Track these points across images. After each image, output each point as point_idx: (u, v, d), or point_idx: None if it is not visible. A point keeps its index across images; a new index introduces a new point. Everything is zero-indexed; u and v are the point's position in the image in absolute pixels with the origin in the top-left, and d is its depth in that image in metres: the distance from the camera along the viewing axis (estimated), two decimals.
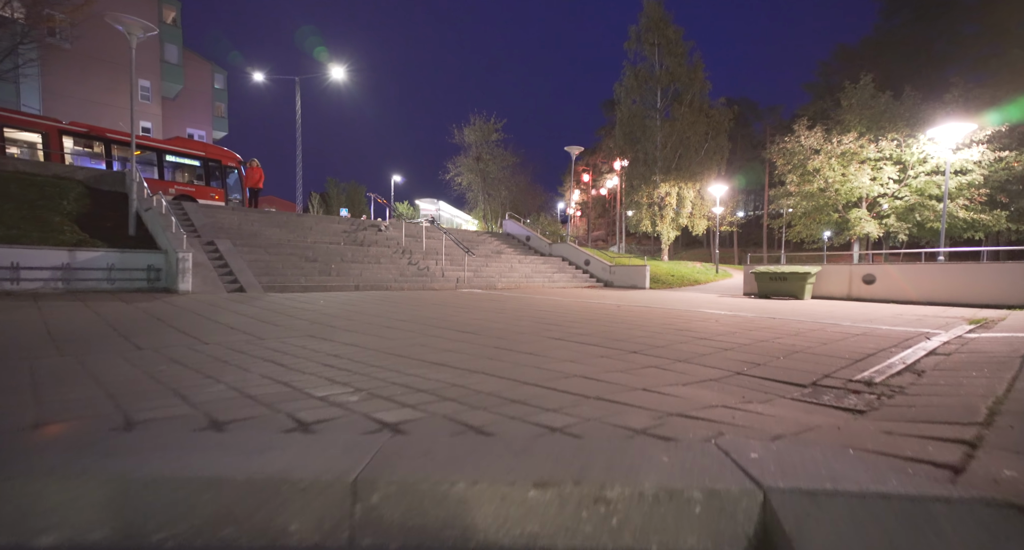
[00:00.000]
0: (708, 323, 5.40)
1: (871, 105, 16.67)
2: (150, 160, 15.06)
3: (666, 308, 7.48)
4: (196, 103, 39.98)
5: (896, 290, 10.23)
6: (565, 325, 4.96)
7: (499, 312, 6.22)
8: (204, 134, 40.76)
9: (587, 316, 5.97)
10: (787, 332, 4.67)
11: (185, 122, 39.08)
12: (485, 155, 31.32)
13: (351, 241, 13.07)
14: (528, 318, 5.58)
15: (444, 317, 5.48)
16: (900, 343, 4.12)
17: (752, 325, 5.23)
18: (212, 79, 42.03)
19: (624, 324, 5.17)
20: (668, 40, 23.94)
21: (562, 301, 8.67)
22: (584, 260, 16.69)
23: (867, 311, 7.99)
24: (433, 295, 9.47)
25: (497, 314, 5.95)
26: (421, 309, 6.46)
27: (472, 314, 5.92)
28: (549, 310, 6.70)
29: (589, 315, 6.10)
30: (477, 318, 5.44)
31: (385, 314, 5.68)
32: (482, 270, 13.55)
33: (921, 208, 15.54)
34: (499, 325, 4.84)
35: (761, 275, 11.36)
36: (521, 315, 5.91)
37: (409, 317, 5.44)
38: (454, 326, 4.68)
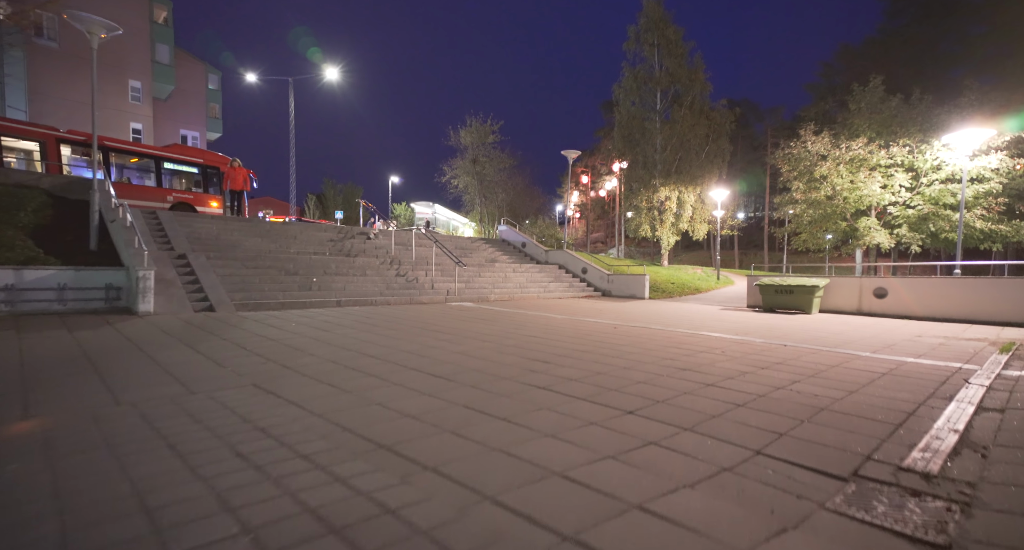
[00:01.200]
0: (714, 356, 4.85)
1: (880, 109, 16.12)
2: (147, 167, 14.78)
3: (666, 331, 6.93)
4: (189, 104, 39.50)
5: (909, 305, 9.69)
6: (554, 361, 4.41)
7: (483, 339, 5.66)
8: (198, 135, 40.30)
9: (579, 345, 5.41)
10: (804, 371, 4.11)
11: (178, 124, 38.60)
12: (482, 157, 30.75)
13: (337, 251, 12.52)
14: (513, 349, 5.02)
15: (421, 349, 4.93)
16: (936, 389, 3.57)
17: (763, 358, 4.68)
18: (206, 80, 41.56)
19: (620, 358, 4.62)
20: (668, 40, 23.39)
21: (554, 320, 8.12)
22: (581, 268, 16.14)
23: (882, 331, 7.45)
24: (419, 311, 8.92)
25: (480, 344, 5.40)
26: (398, 335, 5.91)
27: (452, 344, 5.37)
28: (539, 336, 6.15)
29: (581, 344, 5.55)
30: (456, 352, 4.88)
31: (355, 346, 5.13)
32: (474, 281, 13.00)
33: (935, 218, 14.88)
34: (479, 363, 4.29)
35: (766, 288, 10.82)
36: (506, 344, 5.35)
37: (381, 349, 4.88)
38: (427, 366, 4.12)
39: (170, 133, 37.70)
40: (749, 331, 7.07)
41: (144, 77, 30.15)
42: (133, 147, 15.55)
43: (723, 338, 6.22)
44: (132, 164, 15.00)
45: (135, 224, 8.22)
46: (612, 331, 6.78)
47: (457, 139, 30.87)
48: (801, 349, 5.42)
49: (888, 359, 4.91)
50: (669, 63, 23.60)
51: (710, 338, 6.20)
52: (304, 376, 3.65)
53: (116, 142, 14.53)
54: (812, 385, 3.67)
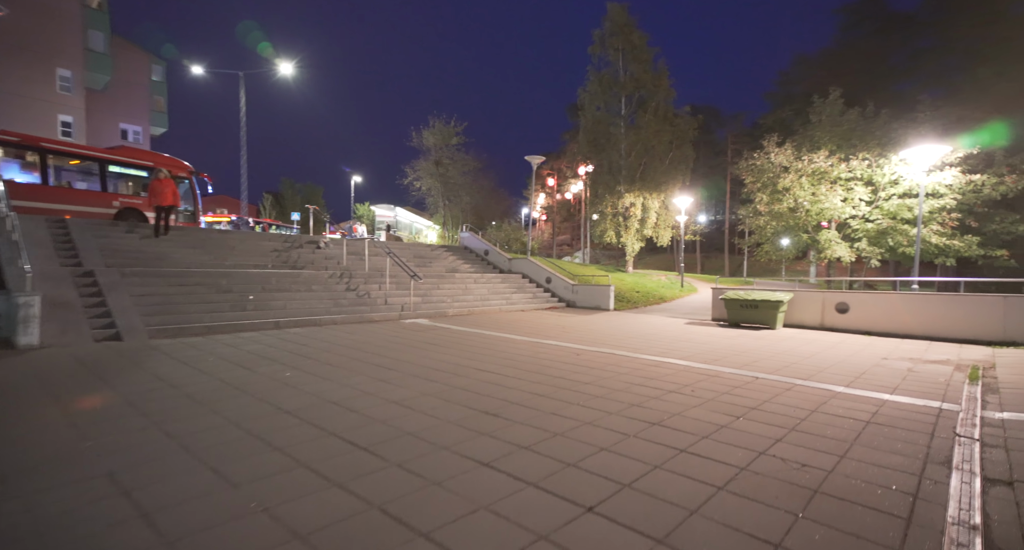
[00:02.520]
0: (684, 398, 4.37)
1: (840, 122, 16.40)
2: (90, 171, 13.47)
3: (632, 359, 6.46)
4: (130, 96, 36.90)
5: (870, 320, 9.66)
6: (507, 413, 3.80)
7: (430, 378, 5.00)
8: (140, 130, 37.77)
9: (537, 386, 4.83)
10: (784, 421, 3.62)
11: (117, 116, 35.98)
12: (445, 159, 29.88)
13: (282, 263, 11.51)
14: (462, 395, 4.39)
15: (352, 398, 4.23)
16: (929, 450, 3.17)
17: (736, 400, 4.22)
18: (149, 71, 38.95)
19: (581, 406, 4.06)
20: (633, 45, 23.28)
21: (514, 344, 7.53)
22: (546, 278, 15.66)
23: (848, 353, 7.23)
24: (367, 334, 8.15)
25: (425, 386, 4.74)
26: (332, 374, 5.18)
27: (392, 387, 4.69)
28: (494, 371, 5.54)
29: (540, 384, 4.97)
30: (394, 401, 4.21)
31: (274, 395, 4.38)
32: (432, 293, 12.26)
33: (894, 232, 15.20)
34: (417, 421, 3.64)
35: (731, 302, 10.61)
36: (455, 386, 4.71)
37: (304, 400, 4.15)
38: (353, 429, 3.44)
39: (108, 127, 35.04)
40: (717, 356, 6.70)
41: (75, 65, 27.70)
42: (74, 148, 14.00)
43: (691, 369, 5.79)
44: (72, 167, 13.55)
45: (35, 235, 7.09)
46: (575, 360, 6.24)
47: (420, 140, 29.91)
48: (774, 384, 5.04)
49: (865, 397, 4.57)
50: (634, 68, 23.51)
51: (678, 369, 5.76)
52: (188, 453, 2.90)
53: (54, 143, 13.11)
54: (796, 446, 3.21)
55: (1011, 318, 8.21)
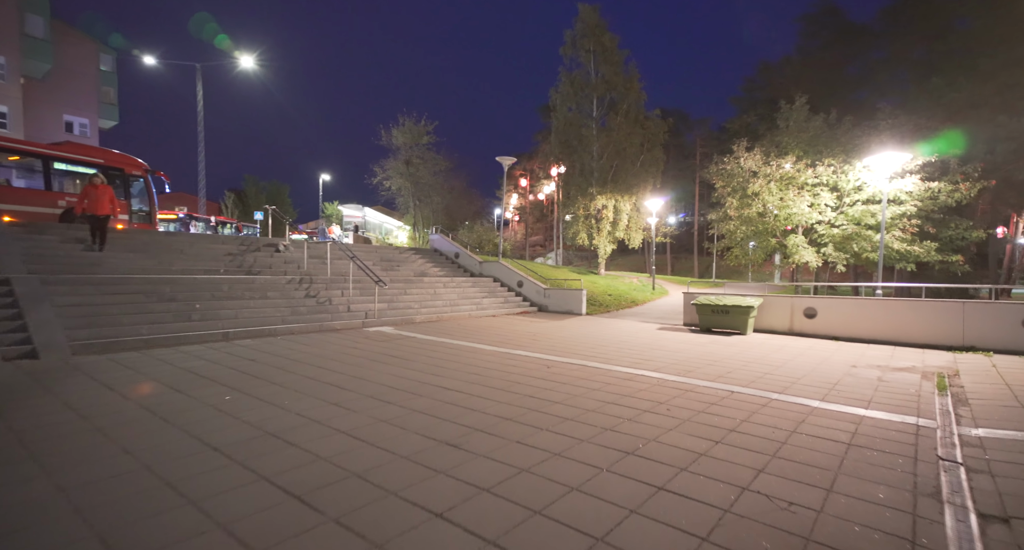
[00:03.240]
0: (659, 419, 4.11)
1: (806, 128, 16.72)
2: (32, 168, 12.46)
3: (605, 371, 6.19)
4: (76, 86, 34.72)
5: (836, 326, 9.74)
6: (467, 443, 3.44)
7: (387, 400, 4.59)
8: (87, 122, 35.61)
9: (503, 407, 4.49)
10: (764, 446, 3.37)
11: (61, 107, 33.81)
12: (415, 159, 29.21)
13: (236, 267, 10.78)
14: (420, 420, 4.00)
15: (294, 429, 3.78)
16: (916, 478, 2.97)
17: (713, 420, 3.96)
18: (97, 60, 36.76)
19: (550, 432, 3.73)
20: (604, 47, 23.26)
21: (481, 355, 7.17)
22: (517, 282, 15.35)
23: (819, 360, 7.18)
24: (324, 346, 7.63)
25: (380, 411, 4.33)
26: (277, 396, 4.70)
27: (343, 413, 4.26)
28: (457, 390, 5.17)
29: (506, 404, 4.63)
30: (344, 432, 3.79)
31: (202, 427, 3.89)
32: (399, 299, 11.76)
33: (858, 237, 15.40)
34: (366, 457, 3.23)
35: (703, 307, 10.55)
36: (414, 410, 4.32)
37: (237, 433, 3.68)
38: (292, 471, 3.01)
39: (50, 118, 32.85)
40: (691, 367, 6.51)
41: (10, 51, 25.74)
42: (12, 143, 12.83)
43: (665, 383, 5.56)
44: (12, 163, 12.42)
45: None
46: (545, 374, 5.93)
47: (389, 139, 29.14)
48: (750, 400, 4.85)
49: (842, 413, 4.42)
50: (605, 70, 23.49)
51: (652, 383, 5.52)
52: (77, 515, 2.41)
53: None
54: (780, 478, 2.97)
55: (969, 324, 8.38)
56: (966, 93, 18.53)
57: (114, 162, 14.41)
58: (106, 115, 37.08)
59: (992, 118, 17.32)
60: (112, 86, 38.11)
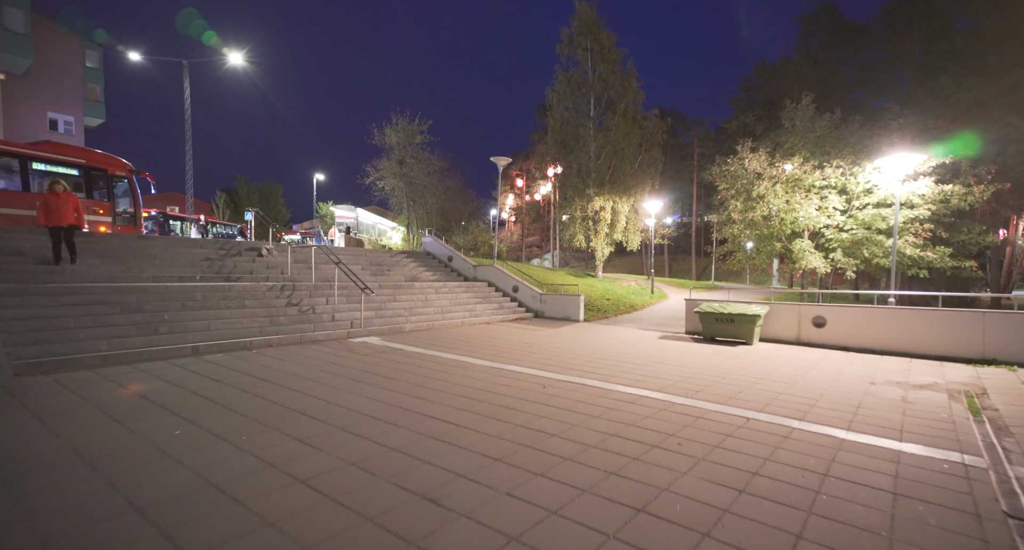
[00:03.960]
0: (669, 456, 3.58)
1: (813, 128, 16.22)
2: (9, 167, 11.93)
3: (605, 391, 5.67)
4: (60, 83, 33.98)
5: (847, 335, 9.27)
6: (448, 497, 2.90)
7: (359, 435, 4.04)
8: (72, 120, 34.87)
9: (492, 442, 3.95)
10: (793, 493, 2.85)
11: (44, 105, 33.06)
12: (409, 158, 28.55)
13: (214, 273, 10.18)
14: (395, 463, 3.46)
15: (251, 468, 3.23)
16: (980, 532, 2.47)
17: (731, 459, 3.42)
18: (82, 56, 35.99)
19: (544, 478, 3.20)
20: (601, 45, 22.74)
21: (471, 371, 6.62)
22: (512, 287, 14.81)
23: (833, 375, 6.69)
24: (301, 361, 7.07)
25: (351, 446, 3.78)
26: (234, 429, 4.14)
27: (306, 452, 3.71)
28: (440, 418, 4.63)
29: (495, 437, 4.09)
30: (302, 477, 3.24)
31: (137, 471, 3.34)
32: (388, 306, 11.19)
33: (868, 243, 14.65)
34: (326, 515, 2.68)
35: (706, 315, 10.05)
36: (389, 445, 3.78)
37: (183, 474, 3.13)
38: (227, 535, 2.45)
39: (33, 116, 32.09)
40: (697, 386, 6.00)
41: None
42: None
43: (672, 407, 5.04)
44: None
45: None
46: (540, 396, 5.40)
47: (382, 138, 28.49)
48: (768, 429, 4.33)
49: (875, 448, 3.91)
50: (602, 68, 22.98)
51: (657, 407, 5.00)
52: None
53: None
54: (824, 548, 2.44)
55: (991, 335, 7.91)
56: (974, 93, 18.05)
57: (96, 162, 13.84)
58: (92, 113, 36.30)
59: (1002, 118, 16.84)
60: (98, 83, 37.33)
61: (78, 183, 13.33)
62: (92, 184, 13.53)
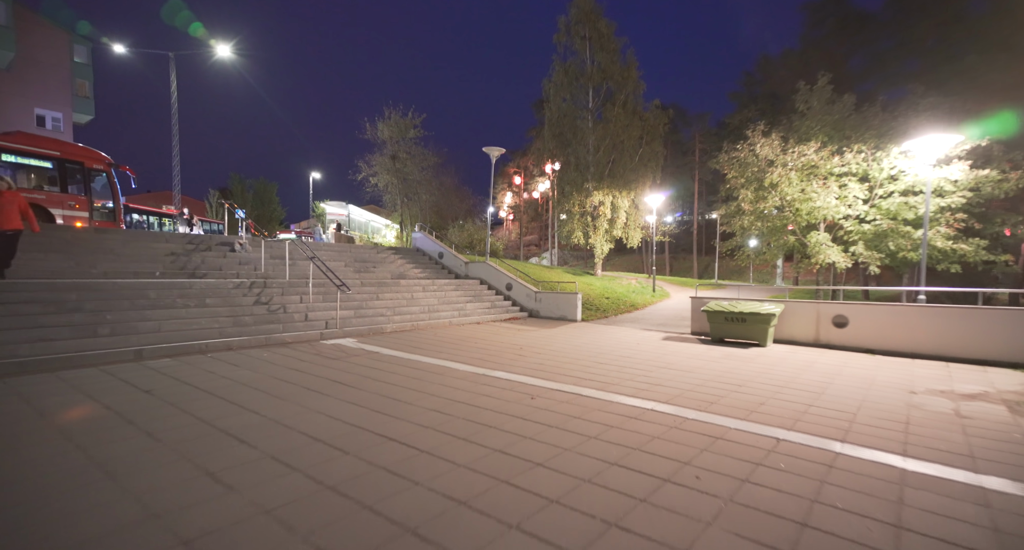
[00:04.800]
0: (685, 492, 2.73)
1: (830, 110, 15.21)
2: None
3: (604, 403, 4.82)
4: (46, 78, 33.18)
5: (871, 336, 8.42)
6: None
7: (293, 467, 3.20)
8: (60, 116, 34.08)
9: (462, 476, 3.11)
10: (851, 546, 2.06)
11: (31, 100, 32.29)
12: (402, 153, 27.75)
13: (178, 269, 9.33)
14: (332, 508, 2.61)
15: (135, 518, 2.38)
16: None
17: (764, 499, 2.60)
18: (70, 51, 35.17)
19: (523, 530, 2.35)
20: (600, 34, 21.88)
21: (451, 377, 5.78)
22: (506, 284, 13.97)
23: (865, 382, 5.82)
24: (257, 367, 6.23)
25: (280, 483, 2.94)
26: (119, 466, 3.30)
27: (218, 492, 2.86)
28: (408, 439, 3.79)
29: (468, 469, 3.25)
30: (197, 532, 2.39)
31: None
32: (369, 305, 10.35)
33: (894, 234, 13.46)
34: None
35: (715, 315, 9.21)
36: (332, 481, 2.93)
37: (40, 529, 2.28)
38: None
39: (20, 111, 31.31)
40: (711, 396, 5.15)
41: None
42: None
43: (684, 424, 4.20)
44: None
45: None
46: (526, 409, 4.55)
47: (374, 133, 27.68)
48: (806, 455, 3.47)
49: (948, 483, 3.06)
50: (601, 58, 22.12)
51: (666, 425, 4.15)
52: None
53: None
54: None
55: None
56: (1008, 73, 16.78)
57: (72, 155, 13.09)
58: (81, 109, 35.50)
59: None
60: (87, 79, 36.49)
61: (52, 177, 12.59)
62: (67, 178, 12.79)
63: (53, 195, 12.34)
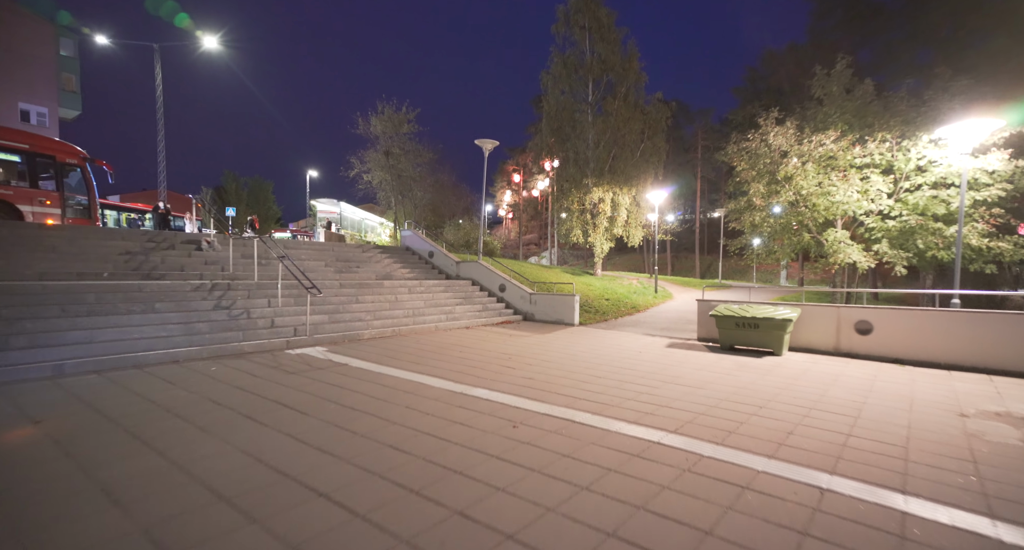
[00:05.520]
0: None
1: (852, 96, 14.13)
2: None
3: (598, 436, 3.95)
4: (30, 72, 32.35)
5: (899, 344, 7.54)
6: None
7: (159, 545, 2.33)
8: (46, 111, 33.29)
9: None
10: None
11: (15, 95, 31.49)
12: (395, 149, 26.80)
13: (131, 270, 8.46)
14: None
15: None
16: None
17: None
18: (55, 44, 34.33)
19: None
20: (600, 24, 20.96)
21: (425, 396, 4.91)
22: (499, 285, 13.09)
23: (903, 401, 4.82)
24: (195, 385, 5.37)
25: None
26: None
27: None
28: (340, 489, 2.92)
29: (399, 542, 2.38)
30: None
31: None
32: (347, 308, 9.48)
33: (923, 231, 12.17)
34: None
35: (724, 320, 8.33)
36: None
37: None
38: None
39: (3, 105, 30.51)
40: (729, 421, 4.28)
41: None
42: None
43: (700, 462, 3.32)
44: None
45: None
46: (505, 441, 3.68)
47: (367, 128, 26.74)
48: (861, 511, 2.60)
49: None
50: (601, 49, 21.20)
51: (679, 465, 3.28)
52: None
53: None
54: None
55: None
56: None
57: (44, 148, 12.26)
58: (68, 104, 34.64)
59: None
60: (74, 73, 35.62)
61: (21, 171, 11.77)
62: (38, 172, 11.98)
63: (21, 191, 11.53)
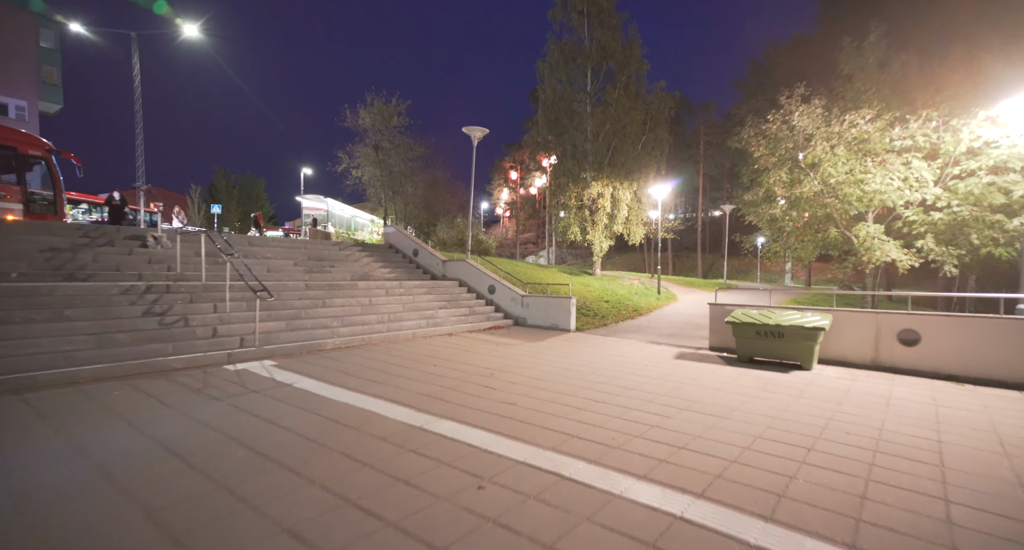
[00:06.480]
0: None
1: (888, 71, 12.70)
2: None
3: (600, 502, 2.75)
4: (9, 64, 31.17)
5: (954, 358, 6.38)
6: None
7: None
8: (25, 105, 32.12)
9: None
10: None
11: None
12: (385, 143, 25.62)
13: (49, 270, 7.28)
14: None
15: None
16: None
17: None
18: (35, 35, 33.12)
19: None
20: (599, 8, 19.75)
21: (373, 431, 3.73)
22: (488, 287, 11.92)
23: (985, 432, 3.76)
24: (71, 421, 4.20)
25: None
26: None
27: None
28: None
29: None
30: None
31: None
32: (310, 313, 8.30)
33: (978, 225, 10.49)
34: None
35: (743, 327, 7.17)
36: None
37: None
38: None
39: None
40: (771, 472, 3.08)
41: None
42: None
43: None
44: None
45: None
46: (469, 513, 2.49)
47: (355, 120, 25.56)
48: None
49: None
50: (601, 35, 20.00)
51: None
52: None
53: None
54: None
55: None
56: None
57: (4, 139, 11.19)
58: (48, 98, 33.42)
59: None
60: (55, 65, 34.37)
61: None
62: (3, 166, 11.08)
63: None
